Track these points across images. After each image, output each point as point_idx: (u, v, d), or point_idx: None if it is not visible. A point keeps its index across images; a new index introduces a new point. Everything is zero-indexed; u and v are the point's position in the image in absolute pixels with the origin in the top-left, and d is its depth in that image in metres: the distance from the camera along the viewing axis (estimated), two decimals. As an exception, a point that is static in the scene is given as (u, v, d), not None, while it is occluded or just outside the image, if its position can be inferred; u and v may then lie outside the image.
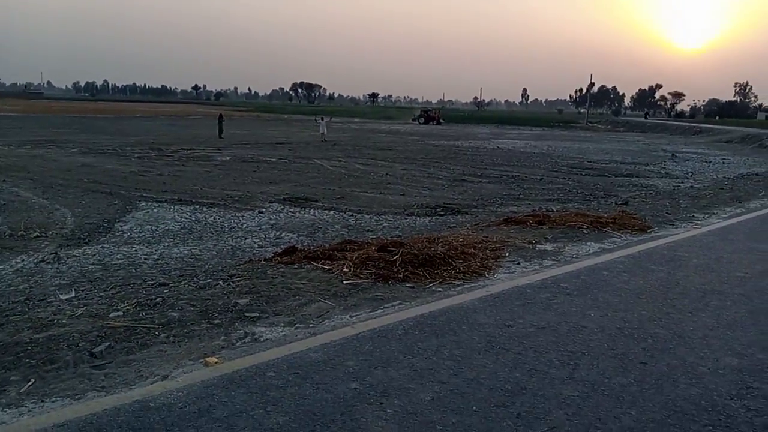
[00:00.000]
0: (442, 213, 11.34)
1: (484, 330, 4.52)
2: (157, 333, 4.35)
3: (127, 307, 4.90)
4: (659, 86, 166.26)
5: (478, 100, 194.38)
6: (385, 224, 10.17)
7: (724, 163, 25.26)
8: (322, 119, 34.48)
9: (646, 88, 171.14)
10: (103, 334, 4.27)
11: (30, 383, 3.53)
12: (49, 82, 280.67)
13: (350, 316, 4.82)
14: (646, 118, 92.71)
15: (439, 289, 5.64)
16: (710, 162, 25.36)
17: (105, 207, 11.02)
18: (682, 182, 17.25)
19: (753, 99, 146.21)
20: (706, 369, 3.91)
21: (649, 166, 22.67)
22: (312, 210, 11.39)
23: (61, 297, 5.44)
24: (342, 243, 7.33)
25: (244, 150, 24.58)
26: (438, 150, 27.79)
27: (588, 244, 7.75)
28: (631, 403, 3.42)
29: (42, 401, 3.35)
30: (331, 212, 11.19)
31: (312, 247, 7.37)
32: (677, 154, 28.86)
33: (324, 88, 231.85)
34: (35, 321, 4.59)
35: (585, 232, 8.38)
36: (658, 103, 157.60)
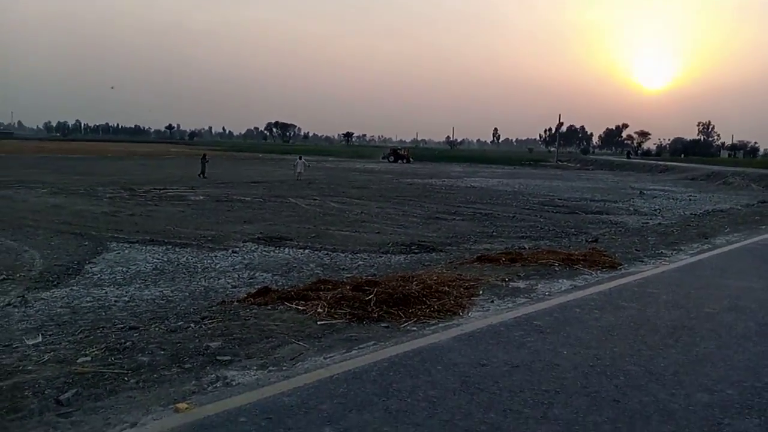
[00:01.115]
0: (416, 251, 11.40)
1: (459, 370, 4.51)
2: (126, 378, 4.25)
3: (96, 352, 4.79)
4: (626, 125, 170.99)
5: (451, 139, 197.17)
6: (360, 262, 10.17)
7: (690, 200, 25.92)
8: (300, 158, 34.73)
9: (614, 128, 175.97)
10: (71, 381, 4.16)
11: (-8, 433, 3.42)
12: (19, 122, 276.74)
13: (324, 358, 4.78)
14: (628, 157, 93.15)
15: (414, 328, 5.63)
16: (677, 199, 25.99)
17: (75, 248, 10.83)
18: (650, 219, 17.62)
19: (716, 137, 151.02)
20: (677, 406, 3.95)
21: (618, 203, 23.14)
22: (287, 249, 11.35)
23: (27, 342, 5.30)
24: (316, 282, 7.30)
25: (219, 189, 24.48)
26: (412, 188, 28.04)
27: (560, 281, 7.84)
28: (605, 441, 3.44)
29: (4, 452, 3.23)
30: (306, 251, 11.16)
31: (286, 288, 7.33)
32: (645, 192, 29.54)
33: (299, 128, 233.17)
34: (-1, 368, 4.45)
35: (557, 269, 8.48)
36: (625, 141, 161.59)
